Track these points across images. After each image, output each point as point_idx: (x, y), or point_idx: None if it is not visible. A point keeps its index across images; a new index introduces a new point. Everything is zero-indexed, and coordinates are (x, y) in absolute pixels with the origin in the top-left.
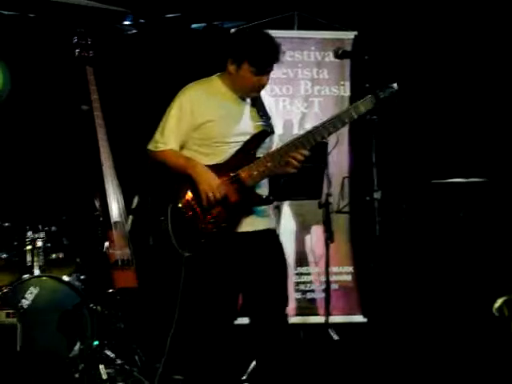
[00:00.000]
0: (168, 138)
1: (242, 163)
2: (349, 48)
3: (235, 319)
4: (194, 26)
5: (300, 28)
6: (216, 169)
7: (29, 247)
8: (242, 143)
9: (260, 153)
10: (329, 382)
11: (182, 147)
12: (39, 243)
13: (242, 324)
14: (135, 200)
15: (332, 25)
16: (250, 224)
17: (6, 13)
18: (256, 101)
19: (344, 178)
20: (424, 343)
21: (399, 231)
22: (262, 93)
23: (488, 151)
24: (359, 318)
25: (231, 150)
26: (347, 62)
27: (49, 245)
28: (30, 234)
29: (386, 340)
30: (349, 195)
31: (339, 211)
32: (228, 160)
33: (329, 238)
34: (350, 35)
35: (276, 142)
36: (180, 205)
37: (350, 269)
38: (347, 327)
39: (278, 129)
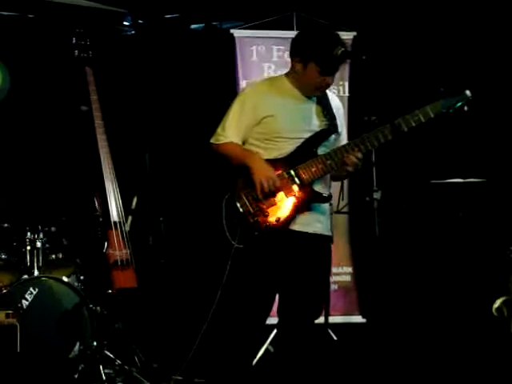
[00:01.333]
0: (229, 132)
1: (301, 160)
2: (348, 48)
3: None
4: (192, 26)
5: (299, 28)
6: (275, 163)
7: (28, 248)
8: (303, 140)
9: (322, 151)
10: (328, 382)
11: (243, 142)
12: (39, 244)
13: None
14: (134, 200)
15: (331, 25)
16: (306, 224)
17: (5, 13)
18: (322, 99)
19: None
20: (423, 344)
21: (398, 231)
22: (330, 93)
23: (486, 152)
24: (358, 319)
25: (292, 146)
26: (346, 62)
27: (48, 245)
28: (29, 234)
29: (384, 340)
30: (348, 195)
31: (339, 211)
32: (288, 155)
33: None
34: (350, 35)
35: (342, 141)
36: (236, 195)
37: (350, 269)
38: (346, 327)
39: None
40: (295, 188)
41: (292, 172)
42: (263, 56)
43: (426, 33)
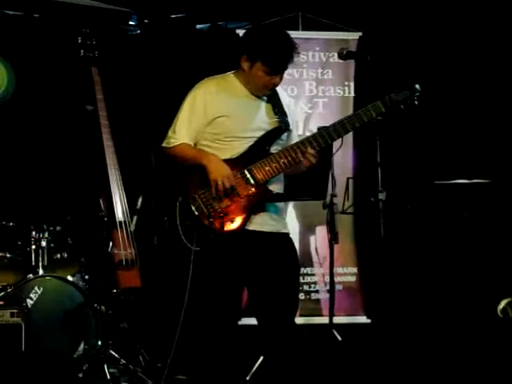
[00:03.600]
0: (180, 134)
1: (254, 159)
2: (353, 48)
3: (239, 319)
4: (198, 26)
5: (304, 29)
6: (228, 163)
7: (33, 247)
8: (255, 139)
9: (275, 150)
10: (332, 383)
11: (195, 144)
12: (43, 243)
13: (247, 324)
14: (139, 200)
15: (336, 25)
16: (262, 223)
17: (10, 13)
18: (272, 97)
19: (348, 179)
20: (428, 344)
21: (403, 232)
22: (280, 91)
23: (492, 152)
24: (363, 319)
25: (244, 145)
26: (352, 63)
27: (53, 245)
28: (34, 233)
29: (389, 341)
30: (353, 196)
31: (344, 212)
32: (241, 155)
33: (333, 238)
34: (355, 36)
35: (293, 139)
36: (189, 197)
37: (355, 270)
38: (351, 328)
39: None
40: (250, 188)
41: (246, 172)
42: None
43: (432, 33)
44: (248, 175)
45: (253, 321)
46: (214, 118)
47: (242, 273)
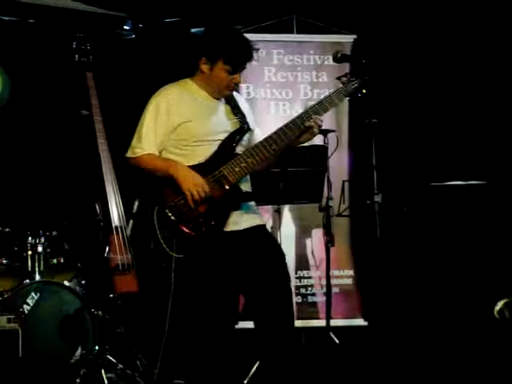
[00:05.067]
0: (145, 143)
1: (222, 161)
2: (348, 51)
3: (235, 322)
4: (193, 30)
5: (299, 32)
6: (198, 169)
7: (30, 252)
8: (220, 142)
9: (240, 150)
10: None
11: (160, 152)
12: (40, 248)
13: (245, 328)
14: (135, 204)
15: (331, 28)
16: (238, 222)
17: (5, 18)
18: (229, 99)
19: (344, 182)
20: (425, 346)
21: (400, 234)
22: (234, 92)
23: (487, 154)
24: (360, 322)
25: (210, 149)
26: (347, 66)
27: (49, 250)
28: (30, 239)
29: (386, 344)
30: (349, 198)
31: (340, 215)
32: (208, 159)
33: (329, 241)
34: (349, 38)
35: (256, 138)
36: (165, 207)
37: (351, 272)
38: (348, 331)
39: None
40: (223, 190)
41: (217, 175)
42: (263, 59)
43: (426, 35)
44: (220, 178)
45: (250, 324)
46: (179, 123)
47: (230, 276)
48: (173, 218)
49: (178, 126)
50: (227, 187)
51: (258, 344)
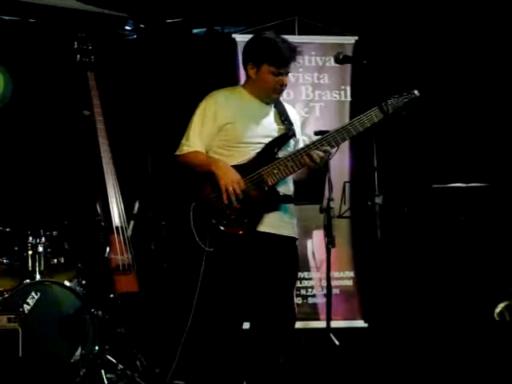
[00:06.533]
0: (192, 141)
1: (263, 163)
2: (349, 53)
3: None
4: (194, 30)
5: (300, 33)
6: (238, 169)
7: (30, 252)
8: (263, 145)
9: (282, 155)
10: None
11: (207, 152)
12: (40, 248)
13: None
14: (136, 205)
15: (332, 29)
16: (273, 226)
17: (6, 18)
18: (278, 106)
19: (345, 183)
20: (425, 348)
21: (400, 236)
22: (286, 104)
23: (488, 156)
24: (360, 323)
25: (253, 151)
26: (348, 67)
27: (50, 250)
28: (31, 239)
29: (386, 345)
30: (350, 200)
31: (340, 216)
32: (250, 160)
33: (330, 242)
34: (351, 40)
35: (299, 146)
36: (202, 202)
37: (351, 274)
38: (348, 332)
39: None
40: (260, 191)
41: (256, 175)
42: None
43: (428, 37)
44: (258, 179)
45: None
46: (224, 124)
47: (250, 275)
48: (208, 213)
49: (223, 126)
50: (265, 188)
51: (251, 347)
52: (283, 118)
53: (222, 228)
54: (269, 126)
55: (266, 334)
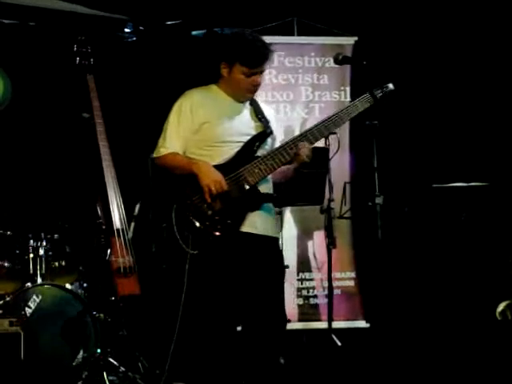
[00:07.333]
0: (169, 142)
1: (243, 163)
2: (349, 53)
3: (238, 322)
4: (194, 32)
5: (300, 34)
6: (218, 169)
7: (31, 255)
8: (242, 144)
9: (261, 153)
10: None
11: (184, 152)
12: (41, 251)
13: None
14: (137, 207)
15: (332, 30)
16: (255, 226)
17: (6, 21)
18: (253, 103)
19: (346, 184)
20: (427, 348)
21: (401, 236)
22: (261, 103)
23: (489, 155)
24: (362, 324)
25: (232, 150)
26: (348, 68)
27: (51, 253)
28: (32, 242)
29: (388, 345)
30: (350, 200)
31: (341, 216)
32: (229, 160)
33: (331, 243)
34: (350, 40)
35: (277, 143)
36: (184, 204)
37: (353, 274)
38: (350, 332)
39: (279, 134)
40: (242, 190)
41: (237, 175)
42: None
43: (427, 37)
44: (239, 178)
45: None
46: (201, 124)
47: (236, 275)
48: (190, 215)
49: (200, 126)
50: (246, 187)
51: (243, 348)
52: (259, 115)
53: (204, 230)
54: (246, 124)
55: (258, 335)
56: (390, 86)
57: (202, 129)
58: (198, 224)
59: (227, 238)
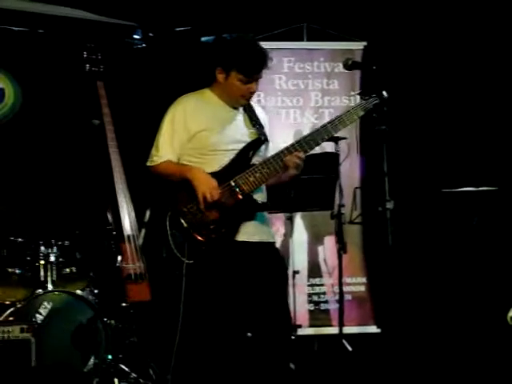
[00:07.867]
0: (163, 151)
1: (238, 171)
2: (359, 58)
3: (244, 330)
4: (203, 38)
5: (309, 39)
6: (213, 176)
7: (42, 262)
8: (237, 151)
9: (256, 161)
10: None
11: (178, 160)
12: (52, 258)
13: None
14: (147, 213)
15: (341, 35)
16: (250, 233)
17: (15, 29)
18: (248, 109)
19: (356, 189)
20: (438, 353)
21: (412, 241)
22: (253, 103)
23: (499, 159)
24: (373, 329)
25: (226, 158)
26: (357, 73)
27: (62, 259)
28: (43, 248)
29: (399, 351)
30: (361, 205)
31: (351, 222)
32: (224, 168)
33: (341, 248)
34: (360, 45)
35: (270, 151)
36: (178, 213)
37: (364, 279)
38: (361, 338)
39: (289, 139)
40: (237, 199)
41: (232, 183)
42: (274, 67)
43: (436, 42)
44: (234, 187)
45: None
46: (195, 132)
47: (236, 284)
48: (185, 223)
49: (194, 134)
50: (241, 196)
51: (253, 355)
52: (254, 121)
53: (200, 238)
54: (241, 131)
55: (266, 340)
56: (384, 94)
57: (197, 137)
58: (192, 233)
59: (223, 248)
